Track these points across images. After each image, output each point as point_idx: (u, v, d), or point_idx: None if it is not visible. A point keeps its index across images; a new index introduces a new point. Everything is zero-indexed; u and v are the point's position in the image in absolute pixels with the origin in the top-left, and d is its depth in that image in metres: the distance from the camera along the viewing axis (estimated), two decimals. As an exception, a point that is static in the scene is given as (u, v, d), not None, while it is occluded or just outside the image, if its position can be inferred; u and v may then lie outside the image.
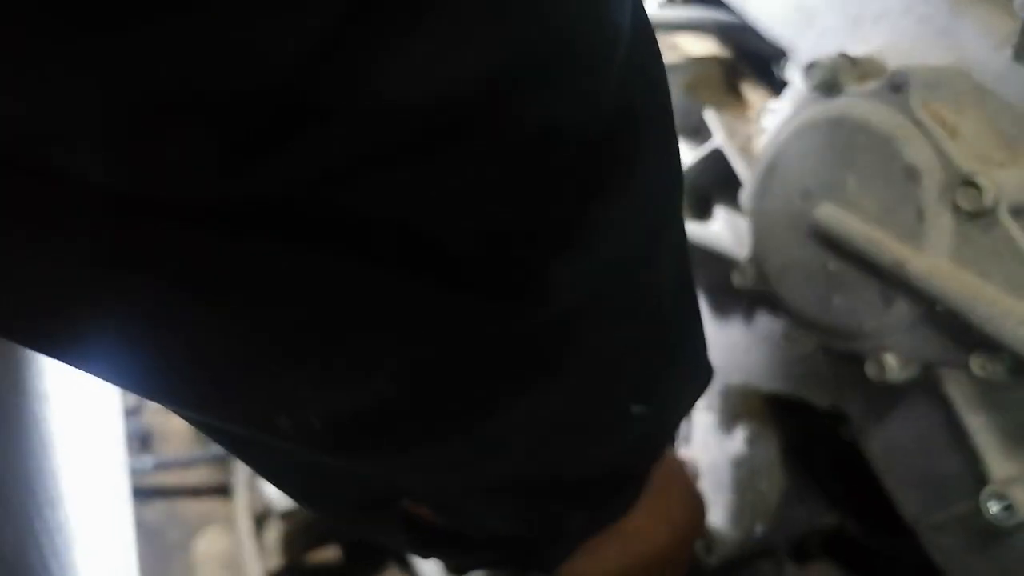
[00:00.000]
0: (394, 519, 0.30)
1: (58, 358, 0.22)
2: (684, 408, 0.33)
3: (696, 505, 0.47)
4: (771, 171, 0.46)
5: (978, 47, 0.40)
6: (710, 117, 0.54)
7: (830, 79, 0.42)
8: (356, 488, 0.28)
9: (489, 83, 0.19)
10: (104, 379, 0.23)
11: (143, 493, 1.07)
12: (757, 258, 0.48)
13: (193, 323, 0.21)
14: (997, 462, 0.39)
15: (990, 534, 0.41)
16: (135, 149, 0.17)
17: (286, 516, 0.93)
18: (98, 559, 0.66)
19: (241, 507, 1.02)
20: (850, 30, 0.45)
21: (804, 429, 0.56)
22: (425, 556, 0.35)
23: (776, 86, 0.55)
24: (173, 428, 1.20)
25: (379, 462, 0.26)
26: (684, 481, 0.46)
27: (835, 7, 0.46)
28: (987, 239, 0.37)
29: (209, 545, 1.04)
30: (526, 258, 0.22)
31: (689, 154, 0.56)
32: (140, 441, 1.17)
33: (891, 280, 0.40)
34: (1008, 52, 0.38)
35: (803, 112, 0.44)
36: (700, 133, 0.56)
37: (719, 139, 0.52)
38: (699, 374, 0.33)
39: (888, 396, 0.45)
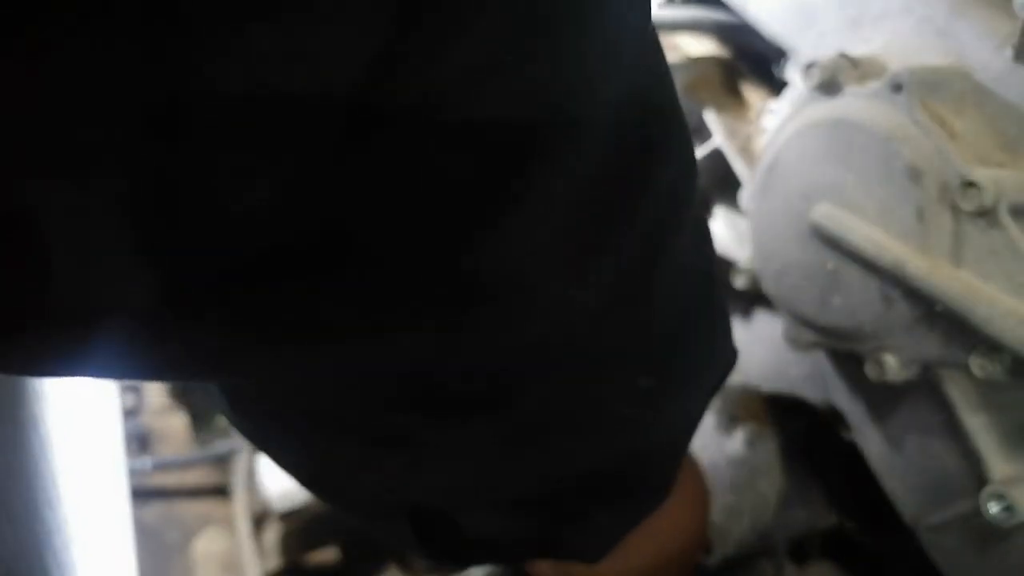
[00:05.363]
0: (405, 519, 0.30)
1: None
2: (703, 390, 0.32)
3: (708, 499, 0.47)
4: (771, 171, 0.45)
5: (978, 47, 0.39)
6: (710, 117, 0.54)
7: (830, 79, 0.42)
8: (376, 489, 0.29)
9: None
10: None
11: (142, 494, 1.07)
12: (757, 258, 0.48)
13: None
14: (997, 462, 0.39)
15: (990, 535, 0.41)
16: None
17: (285, 517, 0.93)
18: (97, 560, 0.66)
19: (240, 508, 1.02)
20: (850, 30, 0.45)
21: (803, 429, 0.56)
22: (438, 560, 0.32)
23: (776, 86, 0.55)
24: (172, 429, 1.20)
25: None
26: (699, 477, 0.47)
27: (835, 7, 0.45)
28: (987, 239, 0.37)
29: (208, 546, 1.04)
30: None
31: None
32: (139, 442, 1.17)
33: (891, 280, 0.40)
34: (1008, 52, 0.38)
35: (803, 112, 0.44)
36: (700, 133, 0.56)
37: (719, 139, 0.52)
38: (715, 360, 0.32)
39: (887, 397, 0.45)
